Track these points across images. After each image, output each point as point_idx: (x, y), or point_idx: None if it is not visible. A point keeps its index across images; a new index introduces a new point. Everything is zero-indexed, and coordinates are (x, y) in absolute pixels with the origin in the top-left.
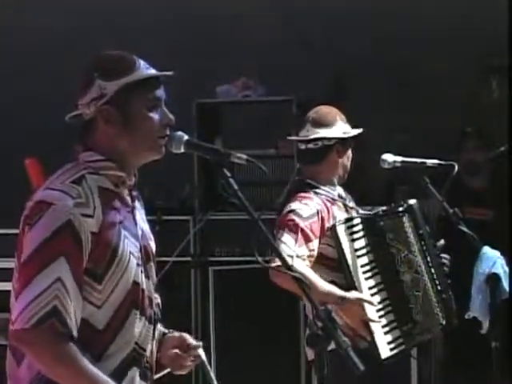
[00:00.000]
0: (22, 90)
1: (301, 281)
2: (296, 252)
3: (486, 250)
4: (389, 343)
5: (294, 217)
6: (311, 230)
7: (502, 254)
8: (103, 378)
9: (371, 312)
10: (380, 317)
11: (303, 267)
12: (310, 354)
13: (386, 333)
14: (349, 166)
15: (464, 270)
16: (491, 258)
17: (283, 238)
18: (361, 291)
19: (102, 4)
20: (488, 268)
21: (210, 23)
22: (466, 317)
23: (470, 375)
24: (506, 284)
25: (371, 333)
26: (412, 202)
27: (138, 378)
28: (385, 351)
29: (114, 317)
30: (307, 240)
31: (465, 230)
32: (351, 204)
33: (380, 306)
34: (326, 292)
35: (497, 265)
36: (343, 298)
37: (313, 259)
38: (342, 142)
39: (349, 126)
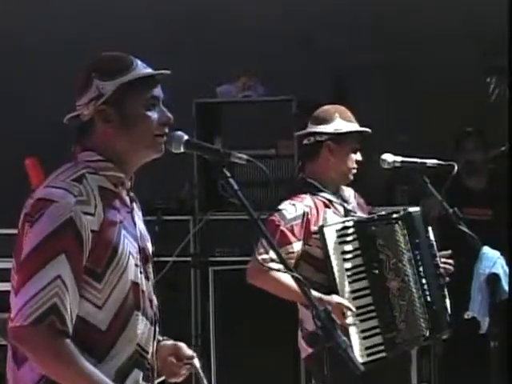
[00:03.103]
0: (22, 91)
1: (301, 282)
2: (270, 255)
3: (486, 250)
4: (367, 348)
5: (278, 217)
6: (292, 232)
7: (501, 254)
8: (99, 375)
9: (350, 316)
10: (362, 321)
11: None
12: (303, 351)
13: (366, 337)
14: (350, 166)
15: (464, 270)
16: (491, 258)
17: (261, 240)
18: (343, 295)
19: (102, 5)
20: (488, 268)
21: (210, 23)
22: (466, 317)
23: (470, 375)
24: (505, 284)
25: (348, 337)
26: (412, 209)
27: (141, 381)
28: (361, 356)
29: (115, 317)
30: (285, 242)
31: (465, 229)
32: (350, 207)
33: (363, 310)
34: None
35: (497, 265)
36: (320, 300)
37: (292, 261)
38: (336, 140)
39: (353, 124)
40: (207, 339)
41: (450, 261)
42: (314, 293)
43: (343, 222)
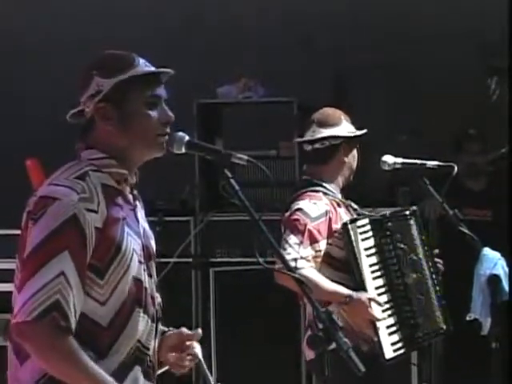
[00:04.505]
0: (22, 91)
1: (302, 282)
2: (300, 253)
3: (487, 251)
4: (392, 344)
5: (302, 216)
6: (318, 231)
7: (502, 254)
8: (101, 373)
9: (378, 312)
10: (385, 317)
11: (307, 268)
12: (308, 354)
13: (389, 334)
14: (355, 166)
15: (464, 271)
16: (492, 259)
17: (289, 239)
18: (368, 291)
19: (102, 5)
20: (489, 269)
21: (210, 23)
22: (468, 318)
23: (470, 376)
24: (506, 285)
25: (377, 333)
26: (415, 208)
27: (141, 378)
28: (389, 352)
29: (117, 314)
30: (313, 241)
31: (465, 231)
32: (355, 206)
33: (384, 307)
34: (332, 291)
35: (497, 266)
36: (350, 297)
37: (319, 259)
38: (348, 142)
39: (353, 126)
40: (207, 339)
41: (440, 260)
42: (344, 290)
43: (360, 219)
